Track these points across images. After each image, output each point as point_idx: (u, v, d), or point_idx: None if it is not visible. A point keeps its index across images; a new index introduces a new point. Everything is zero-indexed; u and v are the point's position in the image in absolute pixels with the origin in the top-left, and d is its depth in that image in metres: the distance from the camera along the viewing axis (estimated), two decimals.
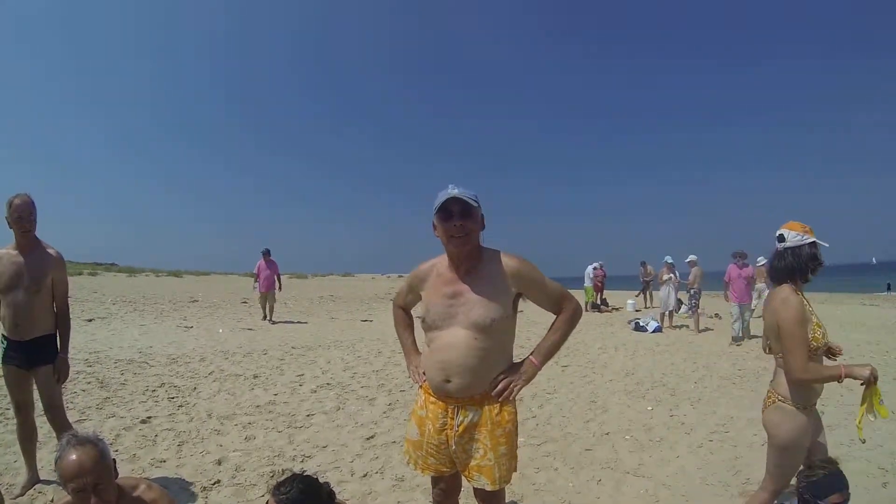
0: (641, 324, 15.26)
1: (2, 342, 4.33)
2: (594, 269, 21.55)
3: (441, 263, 2.82)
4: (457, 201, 2.59)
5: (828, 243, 3.11)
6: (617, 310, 21.37)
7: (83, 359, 9.30)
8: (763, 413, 3.30)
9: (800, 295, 3.08)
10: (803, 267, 3.09)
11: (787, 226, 3.17)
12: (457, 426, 2.69)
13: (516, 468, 2.82)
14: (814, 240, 3.10)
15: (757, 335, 12.38)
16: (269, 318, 15.88)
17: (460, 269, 2.71)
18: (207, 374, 8.69)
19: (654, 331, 14.75)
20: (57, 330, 4.41)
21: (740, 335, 12.93)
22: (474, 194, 2.65)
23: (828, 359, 3.27)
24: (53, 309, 4.40)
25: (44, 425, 4.48)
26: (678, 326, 15.82)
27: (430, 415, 2.79)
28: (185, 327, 14.48)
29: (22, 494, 4.26)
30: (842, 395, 7.36)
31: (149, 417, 6.26)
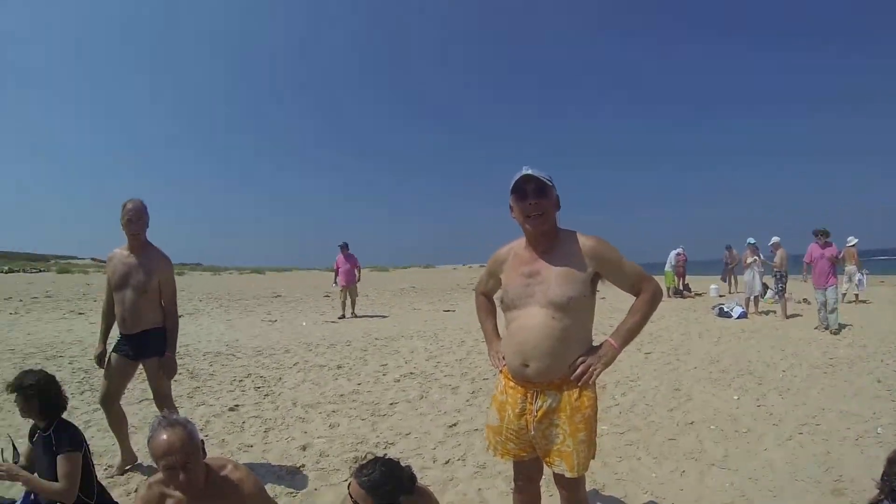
0: (726, 309, 14.82)
1: (118, 336, 4.63)
2: (677, 254, 21.14)
3: (519, 245, 2.83)
4: (531, 180, 2.59)
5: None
6: (700, 295, 20.92)
7: None
8: None
9: None
10: None
11: None
12: (535, 411, 2.68)
13: (595, 455, 2.78)
14: None
15: (858, 338, 11.11)
16: (351, 312, 15.92)
17: (537, 249, 2.71)
18: (292, 364, 8.91)
19: (738, 317, 14.31)
20: (164, 326, 4.64)
21: (828, 322, 11.87)
22: (548, 174, 2.63)
23: None
24: (161, 306, 4.63)
25: (139, 413, 4.71)
26: (764, 312, 15.32)
27: (509, 400, 2.78)
28: (270, 321, 14.85)
29: (120, 474, 4.54)
30: None
31: (236, 405, 6.48)
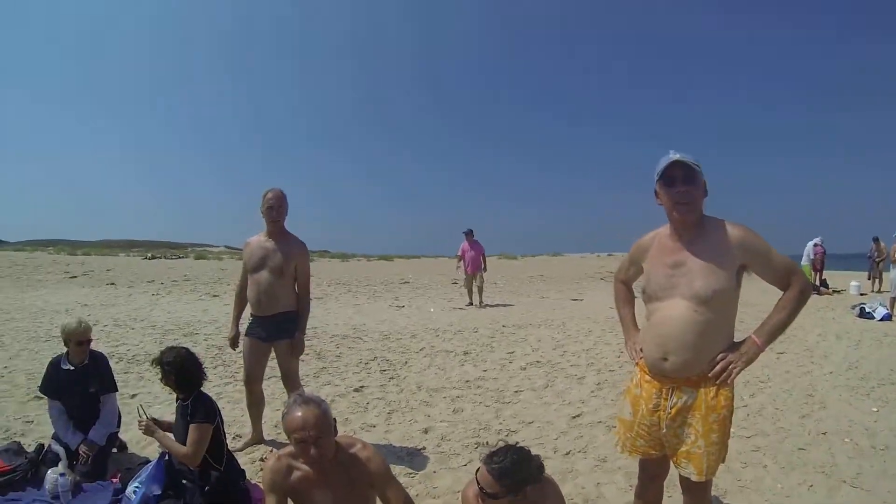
0: (867, 310, 13.68)
1: (250, 318, 4.91)
2: (814, 245, 19.97)
3: (663, 233, 2.77)
4: (680, 165, 2.52)
5: None
6: (839, 293, 19.55)
7: None
8: None
9: None
10: None
11: None
12: (669, 408, 2.65)
13: (725, 459, 2.72)
14: None
15: None
16: (479, 301, 15.67)
17: (683, 238, 2.64)
18: (418, 349, 9.13)
19: (882, 318, 13.15)
20: (297, 311, 4.89)
21: None
22: (696, 160, 2.55)
23: None
24: (295, 290, 4.90)
25: (266, 389, 5.04)
26: None
27: (644, 394, 2.76)
28: (398, 306, 15.19)
29: (242, 449, 4.80)
30: None
31: (361, 387, 6.74)
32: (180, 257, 36.07)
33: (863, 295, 18.50)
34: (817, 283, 19.76)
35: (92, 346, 4.52)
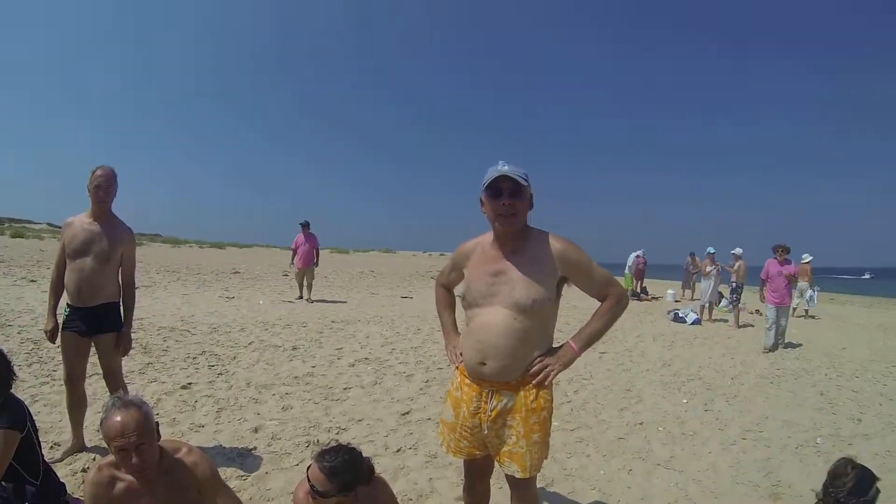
0: (680, 315, 15.11)
1: (65, 309, 4.40)
2: (636, 256, 21.40)
3: (486, 241, 2.77)
4: (507, 179, 2.52)
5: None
6: (656, 299, 21.24)
7: None
8: None
9: None
10: None
11: None
12: (490, 411, 2.68)
13: (548, 455, 2.79)
14: None
15: (794, 343, 11.79)
16: (307, 296, 15.33)
17: (505, 248, 2.66)
18: (247, 343, 8.85)
19: (692, 323, 14.60)
20: (121, 302, 4.49)
21: (774, 342, 11.37)
22: (524, 172, 2.57)
23: None
24: (118, 280, 4.48)
25: (89, 387, 4.62)
26: (718, 320, 15.66)
27: (464, 397, 2.77)
28: (227, 298, 14.72)
29: (62, 459, 4.28)
30: (881, 404, 7.29)
31: (189, 384, 6.41)
32: None
33: (677, 302, 20.26)
34: (638, 290, 21.16)
35: None
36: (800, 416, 6.58)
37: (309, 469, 2.52)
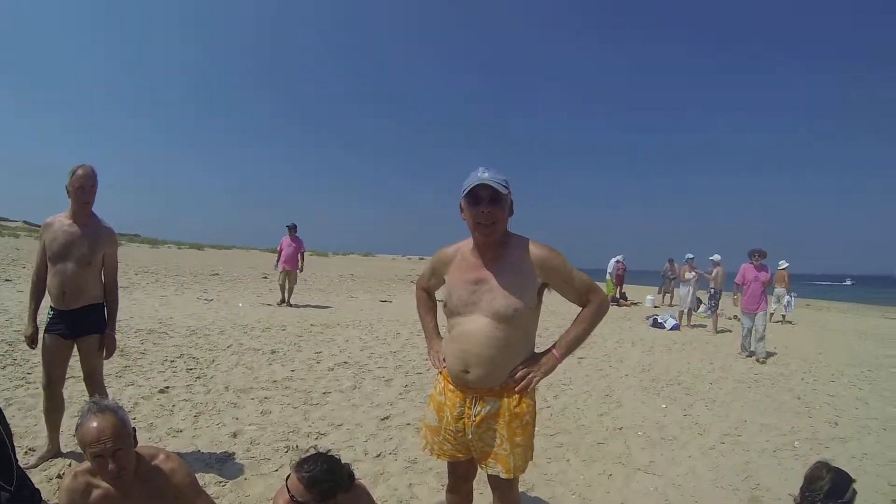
0: (659, 320, 15.25)
1: (48, 312, 4.30)
2: (616, 262, 21.55)
3: (466, 247, 2.76)
4: (486, 187, 2.50)
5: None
6: (636, 304, 21.40)
7: None
8: None
9: None
10: None
11: None
12: (474, 416, 2.68)
13: (532, 458, 2.80)
14: None
15: (782, 357, 11.48)
16: (287, 300, 15.02)
17: (486, 255, 2.65)
18: (226, 347, 8.77)
19: (671, 328, 14.73)
20: (104, 303, 4.41)
21: (751, 348, 11.24)
22: (505, 179, 2.55)
23: None
24: (101, 280, 4.39)
25: (64, 391, 4.52)
26: (696, 326, 15.80)
27: (448, 402, 2.77)
28: (206, 300, 14.58)
29: (36, 465, 4.18)
30: (857, 408, 7.38)
31: (167, 388, 6.33)
32: None
33: (656, 307, 20.40)
34: (618, 295, 21.27)
35: None
36: (777, 420, 6.66)
37: (288, 478, 2.50)
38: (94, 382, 4.37)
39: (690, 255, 16.17)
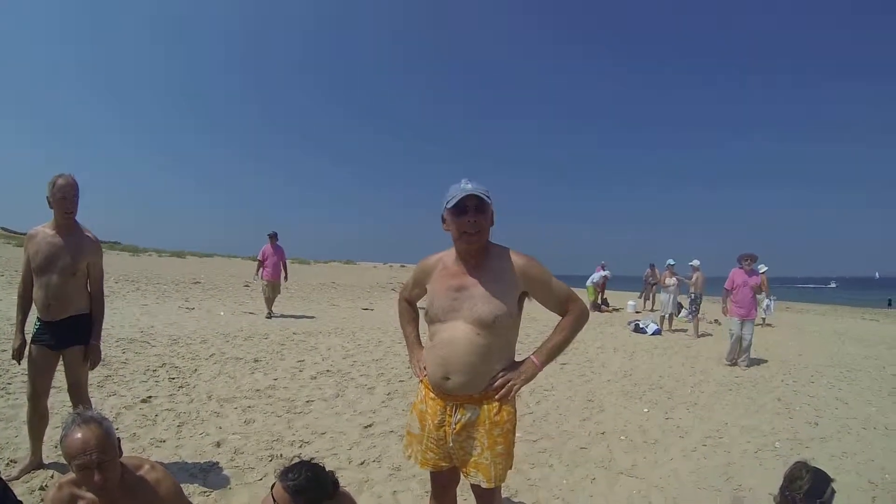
0: (641, 325, 15.33)
1: (35, 323, 4.27)
2: (603, 276, 21.62)
3: (448, 257, 2.81)
4: (472, 197, 2.54)
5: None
6: (617, 310, 21.48)
7: None
8: None
9: None
10: None
11: None
12: (454, 424, 2.70)
13: (512, 466, 2.83)
14: None
15: (762, 360, 11.37)
16: (270, 309, 14.60)
17: (468, 264, 2.69)
18: (208, 356, 8.74)
19: (653, 333, 14.81)
20: (90, 313, 4.37)
21: (735, 356, 10.72)
22: (487, 189, 2.59)
23: None
24: (87, 290, 4.36)
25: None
26: (677, 330, 15.89)
27: (429, 410, 2.79)
28: (187, 308, 14.51)
29: (19, 477, 4.14)
30: (836, 408, 7.48)
31: (149, 397, 6.31)
32: None
33: (637, 313, 20.49)
34: (599, 301, 21.33)
35: None
36: (758, 421, 6.74)
37: (273, 487, 2.51)
38: (78, 393, 4.32)
39: (671, 262, 16.30)
